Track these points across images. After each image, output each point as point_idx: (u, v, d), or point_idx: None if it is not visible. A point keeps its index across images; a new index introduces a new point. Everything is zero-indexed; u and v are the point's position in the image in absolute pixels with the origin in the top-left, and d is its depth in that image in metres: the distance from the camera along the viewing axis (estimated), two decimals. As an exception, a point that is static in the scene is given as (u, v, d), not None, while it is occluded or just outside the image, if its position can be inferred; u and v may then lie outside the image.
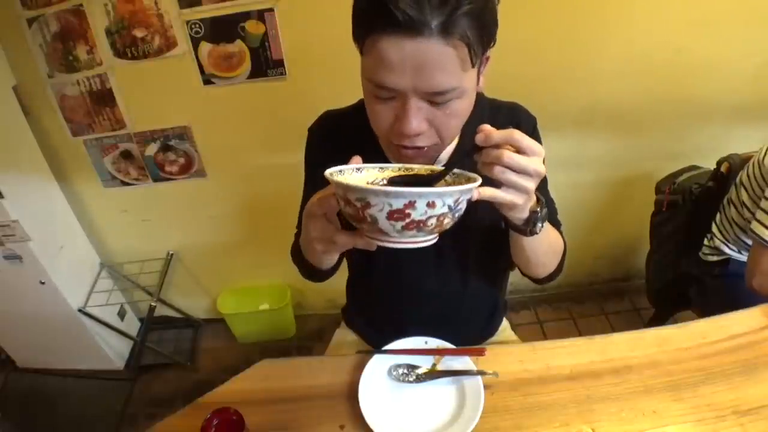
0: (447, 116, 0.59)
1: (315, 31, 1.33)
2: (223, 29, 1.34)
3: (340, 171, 0.58)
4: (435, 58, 0.53)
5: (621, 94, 1.47)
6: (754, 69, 1.44)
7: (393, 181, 0.61)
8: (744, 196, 1.14)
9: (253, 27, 1.33)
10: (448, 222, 0.51)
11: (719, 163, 1.29)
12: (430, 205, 0.48)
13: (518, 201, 0.55)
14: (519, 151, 0.52)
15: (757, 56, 1.41)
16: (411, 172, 0.63)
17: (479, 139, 0.53)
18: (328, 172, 0.53)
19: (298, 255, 0.79)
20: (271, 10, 1.30)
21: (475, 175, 0.55)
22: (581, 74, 1.43)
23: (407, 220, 0.48)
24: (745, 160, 1.20)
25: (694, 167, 1.47)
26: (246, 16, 1.31)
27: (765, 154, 1.08)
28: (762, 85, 1.46)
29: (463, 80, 0.56)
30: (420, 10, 0.50)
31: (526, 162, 0.52)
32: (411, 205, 0.47)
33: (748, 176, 1.14)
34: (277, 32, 1.34)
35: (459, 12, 0.51)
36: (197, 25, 1.33)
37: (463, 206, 0.52)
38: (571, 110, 1.50)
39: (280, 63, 1.39)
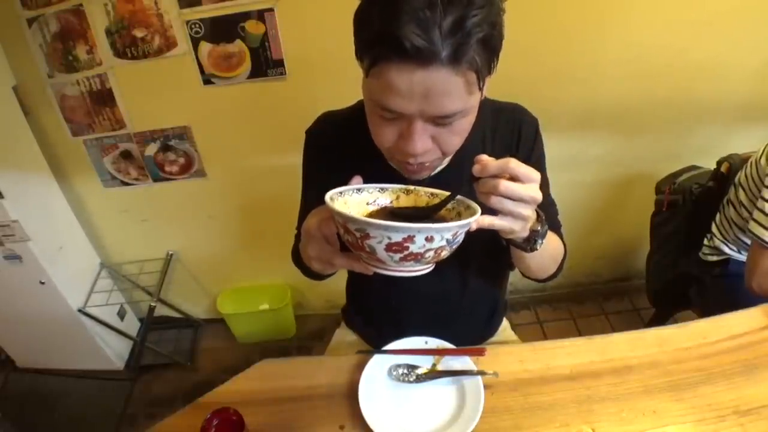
0: (451, 134, 0.59)
1: (315, 31, 1.33)
2: (223, 29, 1.34)
3: (340, 193, 0.58)
4: (443, 86, 0.52)
5: (621, 94, 1.47)
6: (754, 69, 1.44)
7: (393, 213, 0.62)
8: (742, 196, 1.14)
9: (253, 27, 1.33)
10: (445, 254, 0.52)
11: (719, 163, 1.29)
12: (429, 239, 0.49)
13: (516, 227, 0.56)
14: (515, 178, 0.53)
15: (757, 56, 1.41)
16: (411, 193, 0.63)
17: (476, 170, 0.54)
18: (328, 196, 0.54)
19: (298, 258, 0.79)
20: (271, 10, 1.30)
21: (475, 205, 0.56)
22: (582, 75, 1.43)
23: (405, 253, 0.49)
24: (745, 160, 1.20)
25: (694, 167, 1.47)
26: (246, 16, 1.31)
27: (762, 154, 1.08)
28: (762, 85, 1.46)
29: (469, 102, 0.56)
30: (429, 41, 0.49)
31: (522, 190, 0.53)
32: (410, 239, 0.48)
33: (746, 176, 1.14)
34: (277, 32, 1.34)
35: (471, 40, 0.50)
36: (197, 25, 1.33)
37: (461, 238, 0.53)
38: (571, 111, 1.50)
39: (280, 63, 1.39)
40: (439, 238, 0.49)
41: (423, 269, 0.55)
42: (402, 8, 0.48)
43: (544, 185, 0.80)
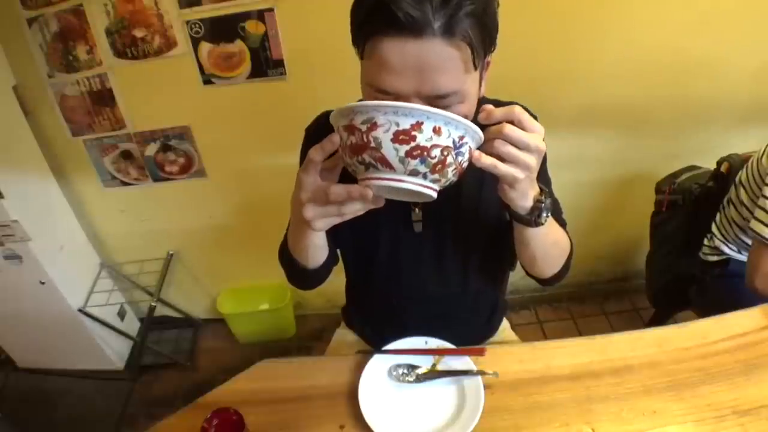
0: None
1: (315, 31, 1.33)
2: (223, 29, 1.34)
3: None
4: (438, 60, 0.52)
5: (621, 94, 1.47)
6: (754, 69, 1.44)
7: None
8: (743, 196, 1.14)
9: (253, 27, 1.33)
10: (450, 164, 0.51)
11: (719, 163, 1.29)
12: (437, 131, 0.49)
13: (519, 175, 0.54)
14: (520, 126, 0.53)
15: (756, 56, 1.41)
16: None
17: (481, 117, 0.54)
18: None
19: (285, 253, 0.78)
20: (271, 10, 1.30)
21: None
22: (581, 75, 1.43)
23: (412, 144, 0.49)
24: (745, 160, 1.20)
25: (694, 167, 1.47)
26: (246, 16, 1.31)
27: (763, 153, 1.08)
28: (761, 85, 1.46)
29: (465, 83, 0.56)
30: (422, 11, 0.49)
31: (526, 136, 0.53)
32: (418, 126, 0.48)
33: (747, 176, 1.14)
34: (277, 32, 1.34)
35: (461, 12, 0.51)
36: (197, 25, 1.33)
37: (465, 153, 0.52)
38: (571, 111, 1.50)
39: (280, 63, 1.39)
40: (446, 134, 0.49)
41: (425, 185, 0.52)
42: None
43: (546, 183, 0.80)
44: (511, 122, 0.53)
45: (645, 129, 1.57)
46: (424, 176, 0.51)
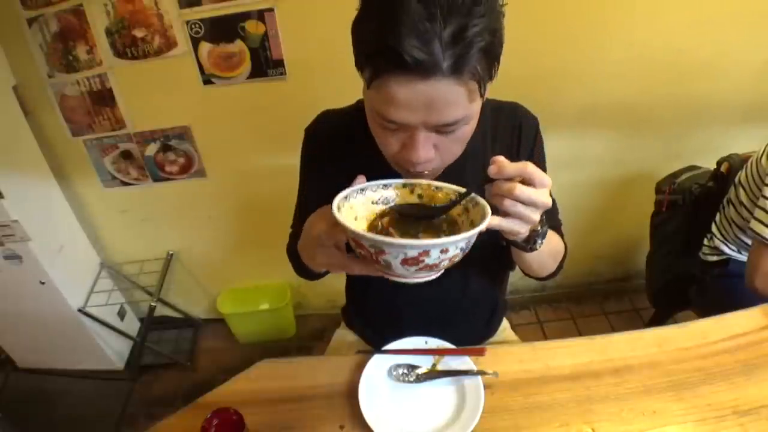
0: (453, 141, 0.59)
1: (315, 31, 1.33)
2: (223, 29, 1.34)
3: (345, 197, 0.58)
4: (446, 97, 0.52)
5: (621, 94, 1.47)
6: (754, 69, 1.44)
7: (401, 213, 0.61)
8: (743, 196, 1.14)
9: (253, 27, 1.33)
10: (458, 258, 0.53)
11: (719, 163, 1.29)
12: (444, 251, 0.49)
13: (521, 231, 0.56)
14: (530, 182, 0.53)
15: (757, 56, 1.41)
16: (418, 192, 0.63)
17: (492, 171, 0.53)
18: (335, 206, 0.54)
19: (295, 256, 0.79)
20: (271, 10, 1.30)
21: (484, 203, 0.55)
22: (582, 75, 1.43)
23: (421, 265, 0.50)
24: (745, 160, 1.20)
25: (694, 167, 1.47)
26: (246, 16, 1.31)
27: (762, 153, 1.08)
28: (762, 85, 1.46)
29: (471, 109, 0.56)
30: (430, 54, 0.48)
31: (536, 195, 0.53)
32: (425, 253, 0.49)
33: (746, 176, 1.14)
34: (277, 32, 1.34)
35: (470, 52, 0.50)
36: (197, 25, 1.33)
37: (473, 241, 0.53)
38: (571, 110, 1.50)
39: (280, 63, 1.39)
40: (454, 248, 0.50)
41: (436, 275, 0.55)
42: (401, 20, 0.48)
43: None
44: (522, 179, 0.53)
45: (646, 128, 1.57)
46: (436, 272, 0.54)
